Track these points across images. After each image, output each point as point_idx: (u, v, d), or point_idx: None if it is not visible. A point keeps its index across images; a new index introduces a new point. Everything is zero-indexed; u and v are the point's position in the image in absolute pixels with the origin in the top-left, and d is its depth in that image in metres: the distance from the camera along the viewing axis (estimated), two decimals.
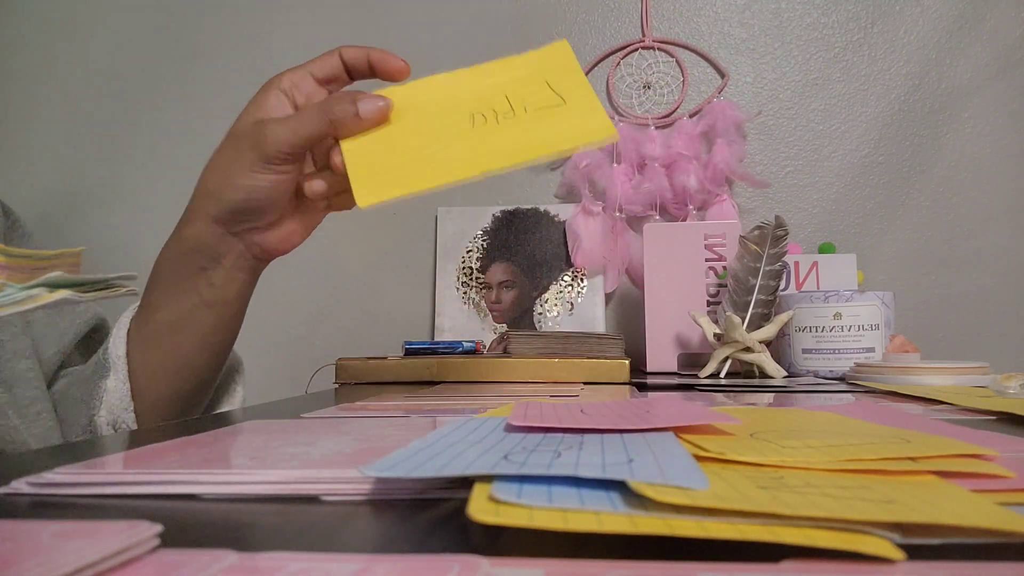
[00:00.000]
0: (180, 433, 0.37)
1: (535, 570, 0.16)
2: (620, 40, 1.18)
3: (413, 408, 0.49)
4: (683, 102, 1.16)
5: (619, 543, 0.18)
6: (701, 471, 0.22)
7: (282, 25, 1.24)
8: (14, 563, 0.16)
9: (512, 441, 0.29)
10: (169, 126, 1.25)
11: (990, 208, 1.11)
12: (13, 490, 0.25)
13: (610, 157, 1.13)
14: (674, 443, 0.27)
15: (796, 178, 1.14)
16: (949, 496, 0.21)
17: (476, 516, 0.18)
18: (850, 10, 1.14)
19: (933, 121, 1.12)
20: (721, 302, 0.87)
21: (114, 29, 1.28)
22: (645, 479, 0.20)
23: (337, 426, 0.39)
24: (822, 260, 0.96)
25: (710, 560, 0.17)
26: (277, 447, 0.32)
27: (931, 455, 0.26)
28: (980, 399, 0.49)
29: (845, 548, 0.17)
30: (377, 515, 0.22)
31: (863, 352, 0.78)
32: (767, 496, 0.19)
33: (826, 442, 0.28)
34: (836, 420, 0.36)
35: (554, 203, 1.17)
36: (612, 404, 0.43)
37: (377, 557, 0.18)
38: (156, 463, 0.28)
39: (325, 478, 0.25)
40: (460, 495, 0.23)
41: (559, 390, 0.63)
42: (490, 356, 0.81)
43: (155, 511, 0.23)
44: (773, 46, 1.15)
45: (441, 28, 1.21)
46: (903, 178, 1.12)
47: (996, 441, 0.31)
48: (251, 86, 0.58)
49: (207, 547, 0.18)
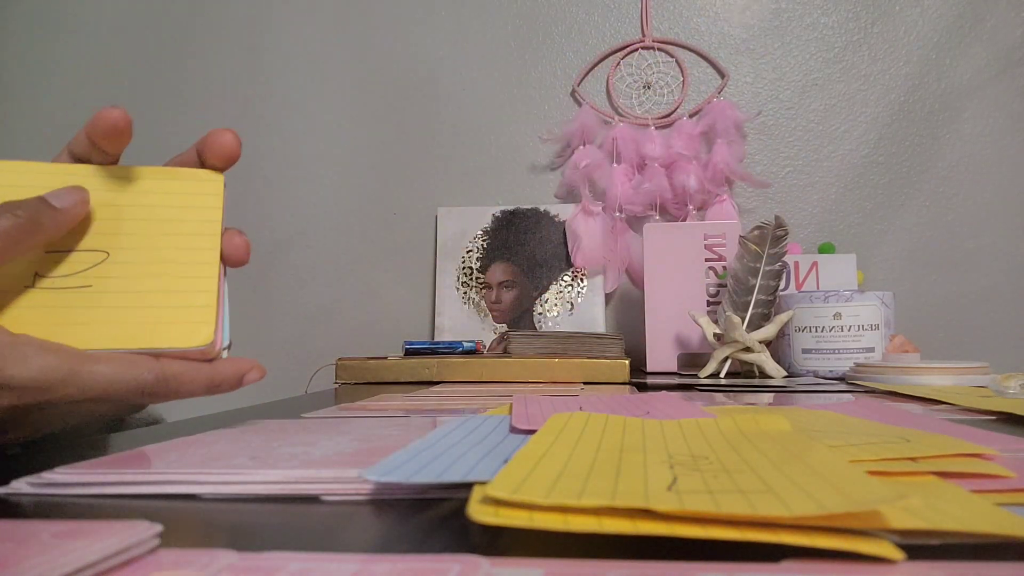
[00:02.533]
0: (180, 433, 0.37)
1: (535, 570, 0.16)
2: (620, 40, 1.18)
3: (413, 408, 0.49)
4: (683, 102, 1.16)
5: (619, 543, 0.18)
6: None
7: (277, 26, 1.24)
8: (14, 563, 0.16)
9: (513, 443, 0.29)
10: (167, 126, 1.25)
11: (990, 208, 1.11)
12: (13, 490, 0.25)
13: (610, 157, 1.13)
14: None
15: (796, 178, 1.14)
16: (950, 498, 0.21)
17: (476, 516, 0.18)
18: (850, 10, 1.14)
19: (933, 121, 1.12)
20: (721, 302, 0.87)
21: (112, 30, 1.28)
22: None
23: (337, 426, 0.39)
24: (822, 260, 0.96)
25: (710, 560, 0.17)
26: (277, 447, 0.32)
27: (931, 455, 0.26)
28: (980, 399, 0.49)
29: (845, 548, 0.17)
30: (377, 515, 0.22)
31: (863, 352, 0.78)
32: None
33: (827, 442, 0.28)
34: (836, 419, 0.36)
35: (554, 203, 1.17)
36: (611, 403, 0.43)
37: (377, 557, 0.18)
38: (156, 463, 0.28)
39: (325, 478, 0.25)
40: (460, 495, 0.23)
41: (559, 390, 0.63)
42: (490, 356, 0.81)
43: (155, 511, 0.23)
44: (773, 46, 1.15)
45: (440, 28, 1.21)
46: (903, 178, 1.13)
47: (996, 441, 0.31)
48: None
49: (207, 547, 0.18)
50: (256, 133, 1.24)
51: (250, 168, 1.24)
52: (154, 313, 0.37)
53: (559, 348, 0.86)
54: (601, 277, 1.13)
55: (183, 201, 0.40)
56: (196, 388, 0.37)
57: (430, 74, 1.21)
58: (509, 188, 1.19)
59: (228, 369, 0.39)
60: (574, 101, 1.18)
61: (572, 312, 1.12)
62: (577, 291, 1.12)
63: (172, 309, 0.38)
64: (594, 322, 1.11)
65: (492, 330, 1.12)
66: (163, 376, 0.35)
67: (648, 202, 1.10)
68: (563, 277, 1.13)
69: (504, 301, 1.13)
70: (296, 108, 1.23)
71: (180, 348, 0.37)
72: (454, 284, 1.15)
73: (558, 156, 1.18)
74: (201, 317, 0.38)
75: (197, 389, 0.37)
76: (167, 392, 0.36)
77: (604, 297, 1.12)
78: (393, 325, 1.19)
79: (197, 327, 0.38)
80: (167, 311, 0.38)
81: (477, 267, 1.15)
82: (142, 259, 0.38)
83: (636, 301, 1.12)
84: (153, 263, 0.38)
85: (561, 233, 1.14)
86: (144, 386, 0.34)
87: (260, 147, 1.24)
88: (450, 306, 1.14)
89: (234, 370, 0.39)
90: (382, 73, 1.22)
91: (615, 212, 1.11)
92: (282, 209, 1.23)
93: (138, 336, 0.36)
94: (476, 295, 1.14)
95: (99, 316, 0.36)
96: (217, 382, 0.38)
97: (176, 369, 0.36)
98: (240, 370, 0.39)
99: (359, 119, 1.23)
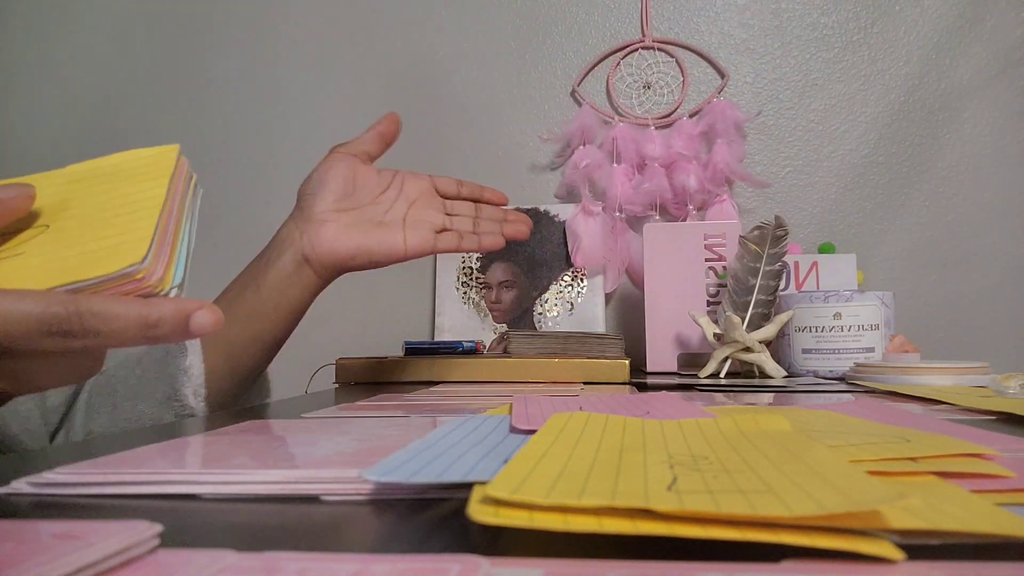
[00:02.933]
0: (180, 433, 0.37)
1: (535, 570, 0.16)
2: (620, 40, 1.18)
3: (413, 408, 0.49)
4: (683, 102, 1.16)
5: (619, 543, 0.18)
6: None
7: (278, 26, 1.24)
8: (14, 563, 0.16)
9: (513, 443, 0.29)
10: (171, 125, 1.25)
11: (990, 208, 1.11)
12: (13, 490, 0.25)
13: (610, 157, 1.13)
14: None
15: (796, 178, 1.14)
16: (950, 498, 0.21)
17: (476, 516, 0.18)
18: (850, 10, 1.14)
19: (933, 121, 1.12)
20: (721, 302, 0.87)
21: (115, 28, 1.28)
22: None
23: (337, 426, 0.39)
24: (822, 260, 0.96)
25: (710, 560, 0.17)
26: (277, 447, 0.32)
27: (931, 455, 0.26)
28: (980, 399, 0.49)
29: (845, 548, 0.17)
30: (377, 515, 0.22)
31: (863, 352, 0.78)
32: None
33: (827, 442, 0.28)
34: (836, 419, 0.36)
35: (554, 203, 1.17)
36: (611, 403, 0.43)
37: (377, 557, 0.18)
38: (156, 463, 0.28)
39: (325, 478, 0.25)
40: (460, 495, 0.23)
41: (559, 390, 0.63)
42: (490, 356, 0.81)
43: (155, 511, 0.23)
44: (773, 46, 1.15)
45: (440, 28, 1.21)
46: (903, 178, 1.12)
47: (996, 441, 0.31)
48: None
49: (207, 547, 0.18)
50: (257, 133, 1.24)
51: (252, 167, 1.24)
52: (83, 255, 0.32)
53: (559, 348, 0.86)
54: (601, 277, 1.13)
55: (133, 170, 0.38)
56: (125, 326, 0.31)
57: (430, 74, 1.21)
58: (509, 188, 1.19)
59: (167, 306, 0.31)
60: (574, 101, 1.18)
61: (572, 312, 1.12)
62: (577, 291, 1.12)
63: (103, 248, 0.33)
64: (594, 322, 1.11)
65: (492, 330, 1.12)
66: (78, 311, 0.30)
67: (648, 202, 1.10)
68: (563, 277, 1.13)
69: (504, 301, 1.13)
70: (296, 107, 1.23)
71: (106, 275, 0.31)
72: (454, 284, 1.15)
73: (558, 156, 1.18)
74: (133, 244, 0.32)
75: (128, 328, 0.31)
76: (86, 330, 0.30)
77: (604, 297, 1.12)
78: (393, 325, 1.18)
79: (127, 252, 0.32)
80: (97, 251, 0.33)
81: (477, 267, 1.15)
82: (81, 219, 0.35)
83: (636, 301, 1.12)
84: (91, 220, 0.35)
85: (561, 233, 1.14)
86: (53, 321, 0.29)
87: (262, 147, 1.24)
88: (450, 306, 1.14)
89: (175, 308, 0.32)
90: (382, 73, 1.22)
91: (615, 212, 1.11)
92: (284, 209, 1.23)
93: (62, 275, 0.31)
94: (476, 295, 1.14)
95: (25, 271, 0.32)
96: (153, 320, 0.31)
97: (97, 304, 0.30)
98: (183, 309, 0.32)
99: (359, 118, 1.22)
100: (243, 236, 1.22)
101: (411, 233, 0.66)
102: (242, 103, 1.24)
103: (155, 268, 0.33)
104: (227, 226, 1.18)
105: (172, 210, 0.37)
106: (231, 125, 1.24)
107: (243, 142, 1.24)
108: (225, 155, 1.24)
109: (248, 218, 1.21)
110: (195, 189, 0.41)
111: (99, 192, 0.37)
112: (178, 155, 0.39)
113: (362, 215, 0.67)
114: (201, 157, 0.55)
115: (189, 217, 0.38)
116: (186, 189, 0.39)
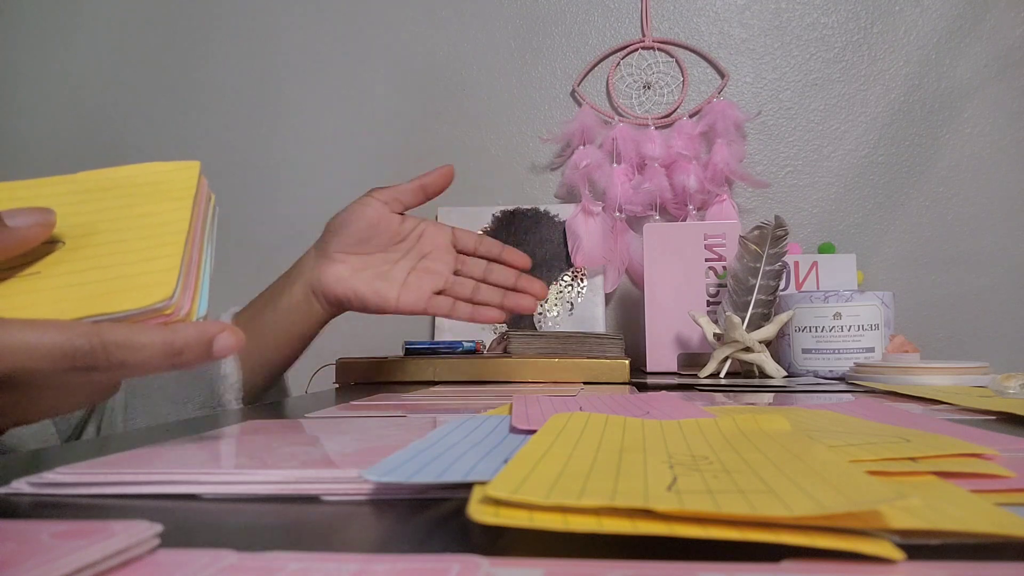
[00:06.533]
0: (180, 433, 0.37)
1: (535, 570, 0.16)
2: (620, 40, 1.18)
3: (413, 408, 0.49)
4: (683, 102, 1.16)
5: (619, 543, 0.18)
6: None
7: (279, 27, 1.24)
8: (14, 563, 0.16)
9: (513, 443, 0.29)
10: (173, 129, 1.25)
11: (990, 208, 1.11)
12: (13, 490, 0.25)
13: (610, 157, 1.13)
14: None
15: (796, 178, 1.14)
16: (950, 498, 0.21)
17: (476, 516, 0.18)
18: (850, 10, 1.14)
19: (933, 121, 1.12)
20: (721, 302, 0.87)
21: (116, 32, 1.28)
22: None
23: (337, 426, 0.39)
24: (822, 260, 0.96)
25: (710, 560, 0.17)
26: (277, 447, 0.32)
27: (931, 455, 0.26)
28: (980, 399, 0.49)
29: (845, 548, 0.17)
30: (377, 515, 0.22)
31: (863, 352, 0.78)
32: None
33: (827, 442, 0.28)
34: (836, 419, 0.36)
35: (554, 203, 1.17)
36: (611, 403, 0.43)
37: (377, 557, 0.18)
38: (156, 463, 0.28)
39: (325, 478, 0.25)
40: (460, 495, 0.23)
41: (559, 390, 0.63)
42: (490, 356, 0.81)
43: (155, 511, 0.23)
44: (773, 46, 1.15)
45: (440, 28, 1.21)
46: (903, 178, 1.12)
47: (996, 441, 0.31)
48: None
49: (207, 547, 0.18)
50: (259, 134, 1.24)
51: (255, 169, 1.24)
52: (106, 283, 0.32)
53: (559, 348, 0.86)
54: (601, 277, 1.13)
55: (153, 188, 0.37)
56: (151, 355, 0.30)
57: (430, 74, 1.21)
58: (509, 188, 1.19)
59: (190, 331, 0.31)
60: (574, 101, 1.18)
61: (572, 312, 1.12)
62: (577, 291, 1.12)
63: (128, 277, 0.32)
64: (594, 322, 1.11)
65: (492, 330, 1.12)
66: (102, 342, 0.29)
67: (648, 202, 1.10)
68: (563, 277, 1.13)
69: None
70: (298, 109, 1.23)
71: (135, 309, 0.31)
72: None
73: (558, 156, 1.18)
74: (161, 276, 0.32)
75: (153, 357, 0.30)
76: (111, 362, 0.29)
77: (604, 297, 1.12)
78: (393, 325, 1.18)
79: (155, 286, 0.31)
80: (122, 279, 0.32)
81: None
82: (100, 240, 0.34)
83: (636, 301, 1.12)
84: (112, 242, 0.34)
85: (561, 233, 1.14)
86: (76, 354, 0.29)
87: (264, 148, 1.24)
88: None
89: (198, 333, 0.31)
90: (382, 73, 1.22)
91: (615, 212, 1.11)
92: (285, 208, 1.23)
93: (86, 305, 0.31)
94: None
95: (44, 296, 0.31)
96: (178, 347, 0.31)
97: (121, 335, 0.30)
98: (206, 333, 0.31)
99: (359, 119, 1.23)
100: (245, 241, 1.22)
101: (405, 292, 0.68)
102: (242, 106, 1.24)
103: (183, 302, 0.32)
104: (228, 229, 1.18)
105: (196, 236, 0.36)
106: (232, 128, 1.24)
107: (244, 145, 1.24)
108: (226, 158, 1.24)
109: (252, 223, 1.21)
110: (214, 210, 0.40)
111: (117, 208, 0.36)
112: (199, 173, 0.38)
113: (370, 261, 0.69)
114: (201, 157, 0.55)
115: (210, 241, 0.38)
116: (207, 211, 0.38)
